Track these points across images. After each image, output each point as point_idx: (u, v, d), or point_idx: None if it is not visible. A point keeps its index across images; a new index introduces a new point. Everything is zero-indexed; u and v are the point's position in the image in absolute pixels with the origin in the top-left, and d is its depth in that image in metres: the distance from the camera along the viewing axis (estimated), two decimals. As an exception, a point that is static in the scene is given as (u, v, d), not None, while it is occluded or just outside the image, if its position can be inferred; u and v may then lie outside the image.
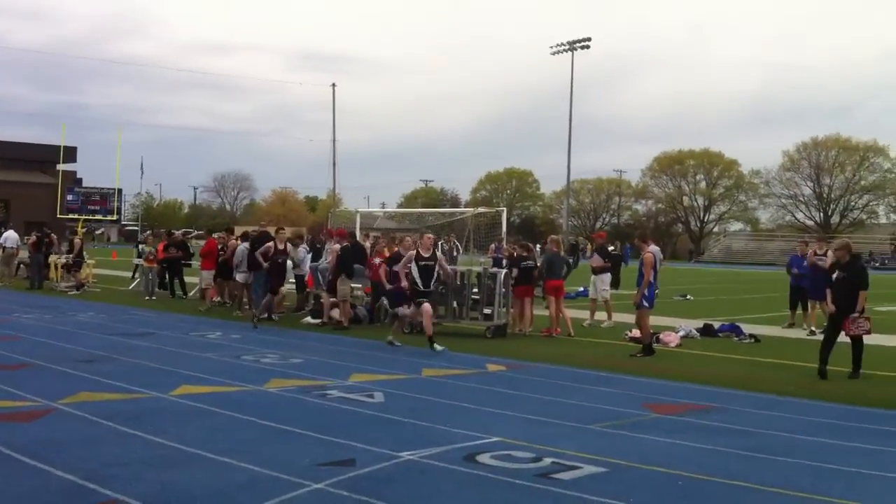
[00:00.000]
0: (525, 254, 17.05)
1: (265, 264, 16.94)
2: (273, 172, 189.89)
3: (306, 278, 19.61)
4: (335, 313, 16.96)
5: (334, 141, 60.18)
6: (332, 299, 17.13)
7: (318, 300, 18.28)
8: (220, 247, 20.85)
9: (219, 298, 21.24)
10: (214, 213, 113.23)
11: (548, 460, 6.87)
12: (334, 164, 60.56)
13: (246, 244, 19.01)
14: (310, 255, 19.90)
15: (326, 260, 18.02)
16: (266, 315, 17.32)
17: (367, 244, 19.52)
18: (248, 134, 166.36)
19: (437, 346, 13.42)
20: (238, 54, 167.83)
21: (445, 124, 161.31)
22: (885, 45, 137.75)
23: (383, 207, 77.73)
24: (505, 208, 27.49)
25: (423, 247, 14.32)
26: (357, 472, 6.41)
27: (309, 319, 17.64)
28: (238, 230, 24.81)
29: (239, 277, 19.10)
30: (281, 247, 17.11)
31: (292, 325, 17.28)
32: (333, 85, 61.49)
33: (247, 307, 18.99)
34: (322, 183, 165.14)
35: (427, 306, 13.91)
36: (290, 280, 20.74)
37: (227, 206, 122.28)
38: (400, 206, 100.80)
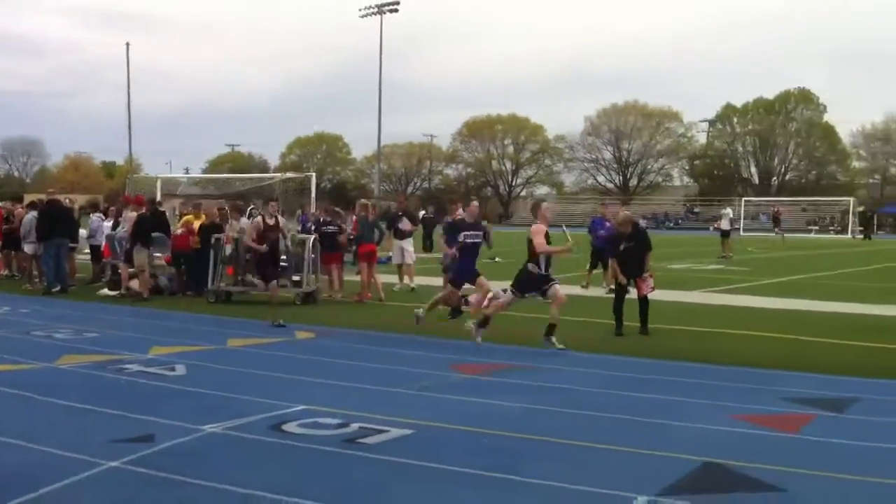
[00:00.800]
0: (328, 218, 16.90)
1: (262, 248, 13.27)
2: (66, 137, 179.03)
3: (102, 248, 18.68)
4: (134, 284, 16.22)
5: (129, 103, 57.28)
6: (130, 270, 16.36)
7: (115, 271, 17.42)
8: (6, 216, 19.55)
9: (6, 271, 19.96)
10: (1, 181, 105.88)
11: (355, 425, 6.81)
12: (129, 128, 57.69)
13: (34, 213, 17.85)
14: (107, 224, 18.97)
15: (124, 228, 17.16)
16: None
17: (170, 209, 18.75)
18: (39, 96, 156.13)
19: (558, 343, 10.77)
20: (27, 11, 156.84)
21: (253, 87, 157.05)
22: (678, 12, 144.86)
23: (187, 173, 75.14)
24: (314, 173, 27.12)
25: (543, 218, 11.27)
26: (155, 448, 6.14)
27: (106, 291, 16.80)
28: (28, 198, 23.27)
29: (27, 248, 17.89)
30: (271, 222, 13.58)
31: (88, 297, 16.39)
32: (127, 44, 58.41)
33: (36, 280, 17.90)
34: (120, 148, 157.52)
35: (560, 291, 10.96)
36: (85, 251, 19.73)
37: (16, 173, 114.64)
38: (205, 171, 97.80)
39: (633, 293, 12.25)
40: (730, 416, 7.40)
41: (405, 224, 18.93)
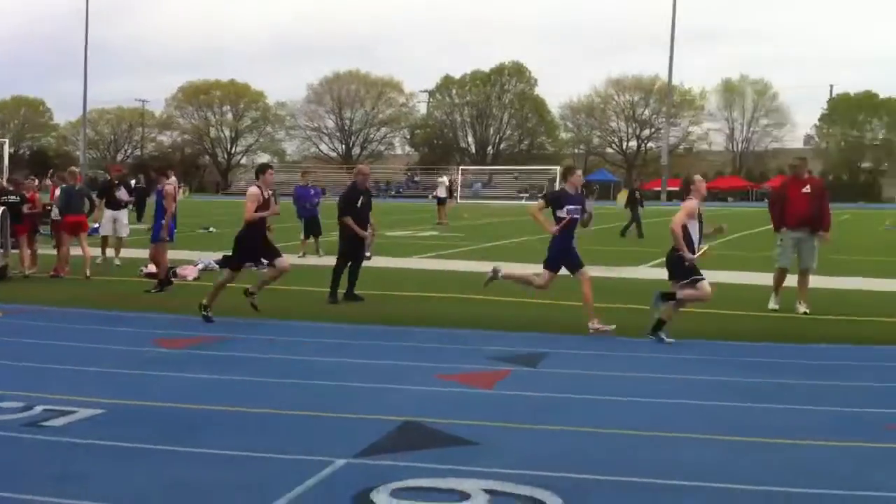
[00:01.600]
0: (10, 188, 15.65)
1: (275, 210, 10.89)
2: None
3: None
4: None
5: None
6: None
7: None
8: None
9: None
10: None
11: (39, 408, 6.31)
12: None
13: None
14: None
15: None
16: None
17: None
18: None
19: (668, 338, 9.28)
20: None
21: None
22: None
23: None
24: (6, 140, 24.96)
25: (698, 193, 9.53)
26: None
27: None
28: None
29: None
30: (268, 194, 10.94)
31: None
32: None
33: None
34: None
35: (708, 287, 9.32)
36: None
37: None
38: None
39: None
40: (432, 376, 7.60)
41: (123, 193, 17.74)
